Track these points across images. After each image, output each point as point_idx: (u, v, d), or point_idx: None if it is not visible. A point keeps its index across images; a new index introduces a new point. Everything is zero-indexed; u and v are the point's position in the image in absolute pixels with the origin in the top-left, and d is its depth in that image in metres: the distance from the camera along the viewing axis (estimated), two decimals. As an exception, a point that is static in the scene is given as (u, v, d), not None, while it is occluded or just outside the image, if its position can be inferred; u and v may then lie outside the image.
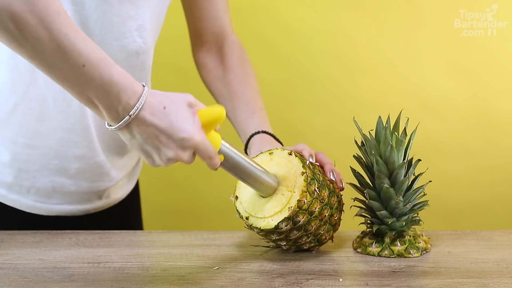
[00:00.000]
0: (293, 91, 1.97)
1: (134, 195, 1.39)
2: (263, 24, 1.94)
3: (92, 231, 1.18)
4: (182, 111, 0.91)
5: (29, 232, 1.17)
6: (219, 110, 0.94)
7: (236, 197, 1.05)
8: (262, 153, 1.07)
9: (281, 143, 1.19)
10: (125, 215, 1.36)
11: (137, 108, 0.88)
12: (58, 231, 1.18)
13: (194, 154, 0.93)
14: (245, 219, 1.03)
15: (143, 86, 0.90)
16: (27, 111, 1.16)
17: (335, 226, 1.06)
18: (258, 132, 1.20)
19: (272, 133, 1.21)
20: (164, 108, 0.90)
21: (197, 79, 1.37)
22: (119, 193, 1.32)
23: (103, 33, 1.13)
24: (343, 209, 1.07)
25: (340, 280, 0.95)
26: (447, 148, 1.95)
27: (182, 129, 0.90)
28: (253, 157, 1.08)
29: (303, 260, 1.03)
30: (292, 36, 1.94)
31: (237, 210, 1.04)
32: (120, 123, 0.89)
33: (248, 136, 1.21)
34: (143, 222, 1.47)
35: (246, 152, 1.20)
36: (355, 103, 1.95)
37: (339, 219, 1.07)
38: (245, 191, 1.04)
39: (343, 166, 1.12)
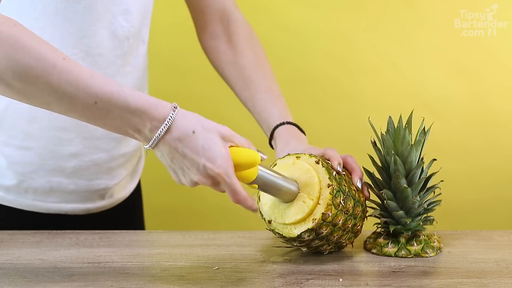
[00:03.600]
0: (293, 91, 1.97)
1: (136, 195, 1.38)
2: (263, 24, 1.93)
3: (92, 231, 1.18)
4: (212, 140, 0.89)
5: (29, 232, 1.17)
6: (254, 155, 0.92)
7: (259, 198, 1.04)
8: (289, 155, 1.05)
9: (304, 133, 1.18)
10: (127, 215, 1.35)
11: (162, 130, 0.88)
12: (58, 231, 1.18)
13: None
14: (267, 222, 1.02)
15: (174, 107, 0.89)
16: (17, 113, 1.15)
17: (356, 233, 1.05)
18: (283, 123, 1.19)
19: (294, 122, 1.19)
20: (193, 132, 0.89)
21: (198, 79, 1.36)
22: (122, 192, 1.31)
23: (91, 23, 1.13)
24: (367, 215, 1.06)
25: (340, 280, 0.95)
26: (447, 148, 1.95)
27: (207, 157, 0.88)
28: (279, 158, 1.06)
29: (303, 260, 1.03)
30: (292, 36, 1.94)
31: (260, 211, 1.03)
32: (150, 144, 0.89)
33: (272, 128, 1.19)
34: (145, 222, 1.47)
35: (270, 143, 1.19)
36: (355, 104, 1.95)
37: (361, 226, 1.06)
38: (266, 194, 1.02)
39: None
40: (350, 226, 1.02)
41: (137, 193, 1.38)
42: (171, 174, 0.93)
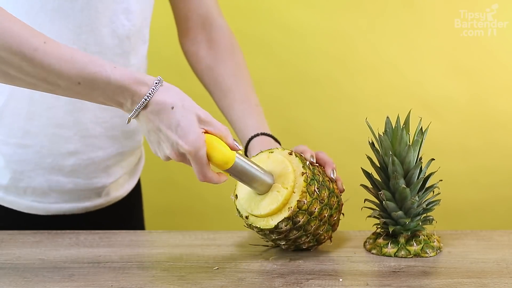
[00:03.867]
0: (293, 91, 1.97)
1: (136, 194, 1.38)
2: (263, 25, 1.94)
3: (92, 231, 1.18)
4: (189, 119, 0.92)
5: (29, 232, 1.17)
6: (227, 156, 0.94)
7: (236, 196, 1.05)
8: (262, 152, 1.06)
9: (280, 144, 1.19)
10: (126, 214, 1.35)
11: (141, 105, 0.91)
12: (58, 231, 1.18)
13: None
14: (244, 218, 1.03)
15: (156, 82, 0.92)
16: (15, 110, 1.15)
17: (333, 226, 1.06)
18: (258, 135, 1.20)
19: (270, 133, 1.20)
20: (172, 108, 0.92)
21: (198, 79, 1.36)
22: (120, 190, 1.31)
23: (90, 20, 1.13)
24: (342, 210, 1.07)
25: (340, 280, 0.95)
26: (447, 148, 1.95)
27: (180, 135, 0.91)
28: (252, 156, 1.08)
29: (303, 260, 1.03)
30: (292, 36, 1.94)
31: (237, 209, 1.04)
32: (131, 115, 0.93)
33: (247, 138, 1.20)
34: (145, 222, 1.47)
35: (246, 154, 1.20)
36: (355, 104, 1.96)
37: (338, 219, 1.07)
38: (242, 189, 1.04)
39: (343, 166, 1.11)
40: (326, 216, 1.02)
41: (136, 193, 1.38)
42: (148, 144, 0.96)
